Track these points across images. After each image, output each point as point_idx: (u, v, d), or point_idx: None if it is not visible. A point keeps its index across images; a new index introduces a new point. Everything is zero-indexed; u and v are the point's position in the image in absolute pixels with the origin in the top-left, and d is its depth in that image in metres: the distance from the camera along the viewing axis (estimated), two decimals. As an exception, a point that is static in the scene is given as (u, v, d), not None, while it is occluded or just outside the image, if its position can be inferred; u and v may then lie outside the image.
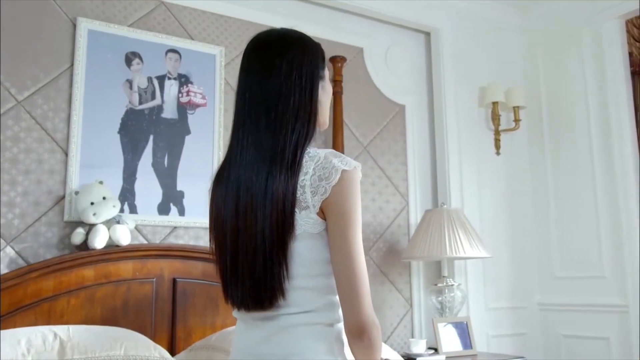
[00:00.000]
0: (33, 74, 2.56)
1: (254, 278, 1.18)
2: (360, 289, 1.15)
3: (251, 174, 1.21)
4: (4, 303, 2.30)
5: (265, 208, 1.18)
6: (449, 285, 3.15)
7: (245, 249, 1.19)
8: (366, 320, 1.15)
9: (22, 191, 2.46)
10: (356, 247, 1.17)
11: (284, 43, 1.30)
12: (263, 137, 1.23)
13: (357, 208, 1.20)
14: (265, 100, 1.25)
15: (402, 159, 3.53)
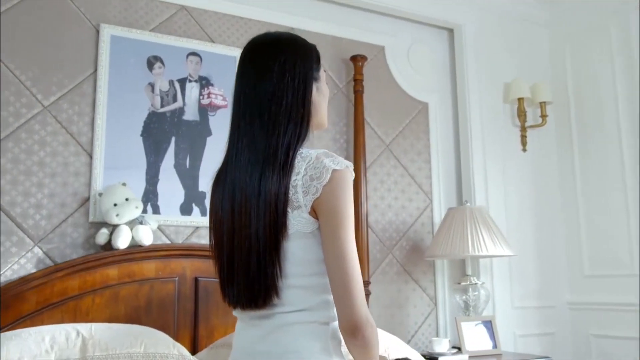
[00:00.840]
0: (58, 80, 2.64)
1: (249, 277, 1.20)
2: (353, 288, 1.16)
3: (245, 175, 1.24)
4: (32, 301, 2.38)
5: (258, 208, 1.20)
6: (473, 284, 3.12)
7: (240, 249, 1.22)
8: (359, 318, 1.16)
9: (48, 193, 2.54)
10: (348, 246, 1.18)
11: (276, 46, 1.32)
12: (257, 138, 1.25)
13: (348, 207, 1.20)
14: (259, 102, 1.27)
15: (426, 157, 3.51)
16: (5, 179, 2.47)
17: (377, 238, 3.26)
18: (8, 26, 2.57)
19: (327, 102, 1.40)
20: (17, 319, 2.34)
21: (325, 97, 1.39)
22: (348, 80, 3.33)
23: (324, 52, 3.22)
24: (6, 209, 2.46)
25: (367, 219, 3.12)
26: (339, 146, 3.25)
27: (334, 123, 3.26)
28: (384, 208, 3.32)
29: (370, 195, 3.26)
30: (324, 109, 1.38)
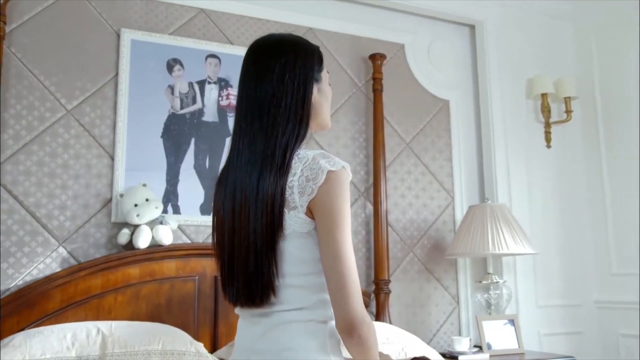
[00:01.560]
0: (81, 84, 2.71)
1: (247, 276, 1.23)
2: (348, 287, 1.17)
3: (245, 175, 1.26)
4: (56, 299, 2.45)
5: (256, 209, 1.22)
6: (494, 282, 3.09)
7: (240, 248, 1.24)
8: (355, 317, 1.17)
9: (72, 194, 2.61)
10: (344, 246, 1.19)
11: (277, 47, 1.33)
12: (256, 139, 1.27)
13: (343, 208, 1.21)
14: (259, 103, 1.28)
15: (447, 155, 3.48)
16: (30, 181, 2.55)
17: (397, 236, 3.26)
18: (32, 34, 2.65)
19: (329, 102, 1.41)
20: (42, 316, 2.41)
21: (328, 98, 1.40)
22: (367, 79, 3.33)
23: (342, 52, 3.26)
24: (32, 210, 2.54)
25: (386, 218, 3.12)
26: (358, 145, 3.25)
27: (352, 122, 3.27)
28: (405, 206, 3.31)
29: (390, 194, 3.26)
30: (326, 109, 1.39)
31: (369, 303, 3.04)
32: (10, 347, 2.04)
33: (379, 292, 3.04)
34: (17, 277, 2.48)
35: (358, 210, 3.19)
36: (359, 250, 3.14)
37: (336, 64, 3.28)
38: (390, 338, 2.53)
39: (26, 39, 2.65)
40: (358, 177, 3.22)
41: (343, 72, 3.30)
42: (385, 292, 3.04)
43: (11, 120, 2.56)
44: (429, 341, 3.22)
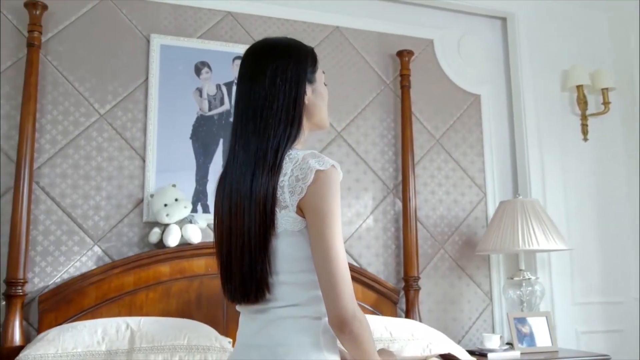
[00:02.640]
0: (113, 89, 2.81)
1: (242, 274, 1.26)
2: (338, 284, 1.19)
3: (240, 176, 1.29)
4: (92, 296, 2.56)
5: (250, 208, 1.25)
6: (526, 279, 3.04)
7: (236, 247, 1.28)
8: (346, 313, 1.19)
9: (106, 195, 2.72)
10: (333, 244, 1.21)
11: (270, 51, 1.37)
12: (250, 141, 1.30)
13: (333, 206, 1.23)
14: (253, 106, 1.32)
15: (478, 150, 3.44)
16: (66, 183, 2.67)
17: (428, 233, 3.24)
18: (67, 43, 2.78)
19: (325, 102, 1.43)
20: (78, 312, 2.53)
21: (324, 98, 1.42)
22: (395, 76, 3.33)
23: (369, 49, 3.27)
24: (68, 210, 2.66)
25: (416, 214, 3.11)
26: (386, 142, 3.26)
27: (381, 119, 3.27)
28: (435, 203, 3.29)
29: (420, 190, 3.25)
30: (322, 109, 1.41)
31: (397, 300, 3.05)
32: (45, 341, 2.15)
33: (408, 288, 3.04)
34: (55, 275, 2.60)
35: (387, 207, 3.20)
36: (388, 247, 3.15)
37: (363, 61, 3.29)
38: (415, 334, 2.53)
39: (61, 47, 2.77)
40: (387, 174, 3.23)
41: (371, 70, 3.30)
42: (415, 289, 3.04)
43: (48, 126, 2.69)
44: (462, 338, 3.20)
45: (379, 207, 3.18)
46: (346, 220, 3.10)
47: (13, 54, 2.69)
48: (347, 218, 3.10)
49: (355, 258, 3.08)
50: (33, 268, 2.58)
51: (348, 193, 3.13)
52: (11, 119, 2.63)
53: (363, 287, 2.97)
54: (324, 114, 1.42)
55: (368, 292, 2.98)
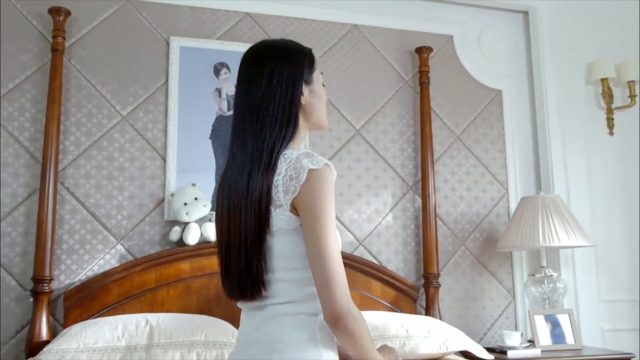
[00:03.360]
0: (134, 91, 2.88)
1: (240, 271, 1.30)
2: (332, 281, 1.21)
3: (238, 177, 1.32)
4: (115, 293, 2.64)
5: (247, 207, 1.28)
6: (548, 275, 3.00)
7: (234, 245, 1.31)
8: (340, 310, 1.20)
9: (128, 195, 2.79)
10: (326, 242, 1.23)
11: (267, 52, 1.39)
12: (247, 142, 1.33)
13: (325, 204, 1.25)
14: (250, 107, 1.35)
15: (500, 146, 3.41)
16: (90, 183, 2.75)
17: (448, 230, 3.23)
18: (90, 47, 2.86)
19: (323, 103, 1.44)
20: (102, 308, 2.61)
21: (322, 99, 1.43)
22: (414, 73, 3.32)
23: (388, 47, 3.27)
24: (92, 210, 2.74)
25: (435, 211, 3.10)
26: (405, 139, 3.25)
27: (400, 116, 3.27)
28: (456, 200, 3.28)
29: (440, 187, 3.24)
30: (320, 110, 1.43)
31: (417, 297, 3.05)
32: (68, 336, 2.23)
33: (428, 285, 3.04)
34: (80, 273, 2.68)
35: (407, 204, 3.20)
36: (407, 244, 3.15)
37: (382, 59, 3.29)
38: (432, 332, 2.53)
39: (84, 51, 2.85)
40: (406, 171, 3.22)
41: (389, 67, 3.30)
42: (435, 286, 3.04)
43: (72, 128, 2.77)
44: (484, 335, 3.18)
45: (399, 204, 3.18)
46: (365, 218, 3.11)
47: (38, 59, 2.78)
48: (367, 215, 3.12)
49: (375, 255, 3.09)
50: (59, 266, 2.66)
51: (367, 190, 3.14)
52: (37, 122, 2.72)
53: (382, 284, 2.98)
54: (322, 114, 1.44)
55: (387, 289, 2.99)
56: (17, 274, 2.61)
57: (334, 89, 3.18)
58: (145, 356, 2.19)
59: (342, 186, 3.11)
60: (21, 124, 2.72)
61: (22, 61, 2.76)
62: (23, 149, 2.70)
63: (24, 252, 2.63)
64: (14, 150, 2.69)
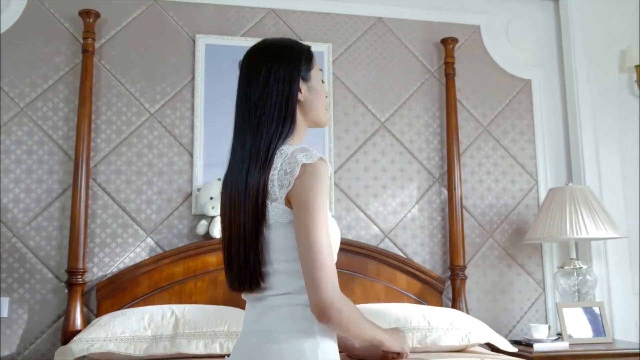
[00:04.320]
0: (161, 89, 2.97)
1: (239, 263, 1.34)
2: (318, 274, 1.23)
3: (238, 173, 1.37)
4: (144, 285, 2.73)
5: (245, 202, 1.33)
6: (577, 268, 2.95)
7: (234, 239, 1.35)
8: (324, 303, 1.23)
9: (157, 190, 2.88)
10: (315, 234, 1.25)
11: (265, 51, 1.43)
12: (246, 139, 1.37)
13: (317, 198, 1.27)
14: (249, 105, 1.39)
15: (529, 137, 3.36)
16: (120, 179, 2.85)
17: (475, 222, 3.21)
18: (119, 47, 2.95)
19: (322, 100, 1.46)
20: (132, 299, 2.70)
21: (320, 96, 1.45)
22: (440, 65, 3.30)
23: (413, 38, 3.26)
24: (123, 205, 2.84)
25: (461, 203, 3.09)
26: (431, 131, 3.24)
27: (426, 108, 3.26)
28: (483, 191, 3.25)
29: (467, 179, 3.22)
30: (318, 107, 1.45)
31: (443, 289, 3.04)
32: (97, 326, 2.32)
33: (454, 278, 3.03)
34: (112, 265, 2.79)
35: (433, 196, 3.19)
36: (434, 236, 3.14)
37: (407, 51, 3.29)
38: (454, 324, 2.52)
39: (114, 51, 2.95)
40: (432, 163, 3.21)
41: (415, 59, 3.29)
42: (461, 278, 3.02)
43: (103, 126, 2.88)
44: (512, 328, 3.16)
45: (425, 197, 3.17)
46: (391, 210, 3.12)
47: (70, 60, 2.89)
48: (392, 208, 3.13)
49: (401, 247, 3.10)
50: (92, 259, 2.77)
51: (392, 183, 3.15)
52: (70, 120, 2.84)
53: (407, 277, 2.99)
54: (321, 111, 1.46)
55: (412, 281, 3.00)
56: (53, 266, 2.74)
57: (359, 82, 3.19)
58: (170, 346, 2.27)
59: (368, 179, 3.12)
60: (55, 123, 2.83)
61: (55, 62, 2.88)
62: (57, 146, 2.82)
63: (59, 246, 2.75)
64: (48, 148, 2.81)
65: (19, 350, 2.66)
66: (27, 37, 2.87)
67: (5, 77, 2.82)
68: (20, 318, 2.68)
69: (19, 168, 2.77)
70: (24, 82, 2.84)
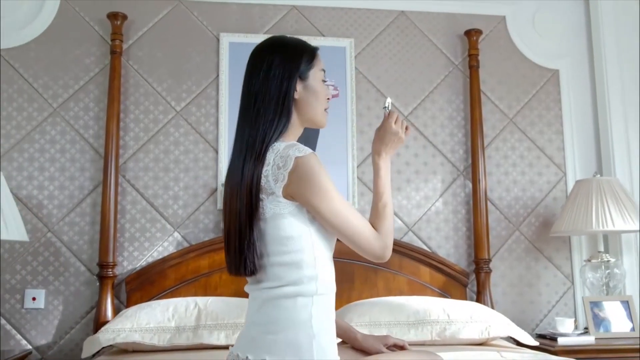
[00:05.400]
0: (187, 87, 3.05)
1: (235, 250, 1.41)
2: (358, 241, 1.40)
3: (237, 162, 1.43)
4: (171, 278, 2.83)
5: (240, 192, 1.39)
6: (605, 261, 2.90)
7: (232, 226, 1.42)
8: (379, 258, 1.43)
9: (183, 186, 2.97)
10: (335, 214, 1.36)
11: (270, 46, 1.48)
12: (245, 131, 1.43)
13: (319, 184, 1.34)
14: (249, 99, 1.44)
15: (557, 128, 3.31)
16: (148, 175, 2.95)
17: (501, 215, 3.18)
18: (146, 48, 3.04)
19: (320, 101, 1.50)
20: (160, 292, 2.80)
21: (318, 97, 1.48)
22: (464, 57, 3.28)
23: (436, 31, 3.26)
24: (151, 200, 2.93)
25: (486, 196, 3.07)
26: (455, 124, 3.23)
27: (449, 101, 3.24)
28: (509, 184, 3.22)
29: (492, 172, 3.20)
30: (314, 107, 1.48)
31: (467, 282, 3.03)
32: (124, 317, 2.42)
33: (479, 271, 3.02)
34: (141, 259, 2.89)
35: (457, 189, 3.18)
36: (458, 229, 3.14)
37: (430, 44, 3.28)
38: (474, 317, 2.52)
39: (141, 52, 3.04)
40: (456, 157, 3.20)
41: (438, 52, 3.28)
42: (486, 272, 3.01)
43: (131, 124, 2.98)
44: (539, 322, 3.12)
45: (449, 190, 3.17)
46: (415, 204, 3.13)
47: (100, 61, 3.00)
48: (416, 201, 3.13)
49: (425, 241, 3.10)
50: (122, 252, 2.88)
51: (416, 176, 3.15)
52: (100, 120, 2.95)
53: (431, 270, 3.00)
54: (317, 111, 1.49)
55: (436, 274, 3.00)
56: (86, 260, 2.86)
57: (381, 76, 3.20)
58: (192, 336, 2.35)
59: (391, 172, 3.12)
60: (86, 122, 2.95)
61: (86, 64, 2.99)
62: (88, 145, 2.93)
63: (91, 240, 2.87)
64: (80, 147, 2.93)
65: (55, 339, 2.79)
66: (59, 41, 2.99)
67: (40, 80, 2.95)
68: (56, 309, 2.81)
69: (53, 166, 2.89)
70: (57, 83, 2.96)
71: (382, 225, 1.42)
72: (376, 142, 1.52)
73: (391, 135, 1.50)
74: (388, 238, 1.42)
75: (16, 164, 2.87)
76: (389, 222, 1.44)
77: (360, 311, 2.53)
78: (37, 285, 2.81)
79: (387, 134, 1.50)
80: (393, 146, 1.51)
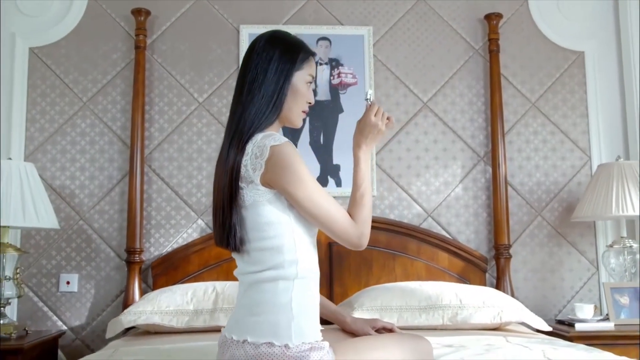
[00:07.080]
0: (209, 79, 3.14)
1: (218, 225, 1.49)
2: (335, 228, 1.44)
3: (226, 146, 1.49)
4: (195, 263, 2.95)
5: (224, 175, 1.46)
6: (627, 246, 2.85)
7: (217, 203, 1.49)
8: (355, 246, 1.47)
9: (206, 174, 3.08)
10: (312, 200, 1.41)
11: (268, 39, 1.52)
12: (233, 120, 1.49)
13: (296, 172, 1.39)
14: (242, 91, 1.50)
15: (582, 111, 3.25)
16: (173, 165, 3.07)
17: (523, 200, 3.16)
18: (169, 41, 3.15)
19: (299, 103, 1.53)
20: (184, 277, 2.92)
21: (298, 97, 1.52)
22: (484, 41, 3.25)
23: (456, 16, 3.28)
24: (175, 189, 3.06)
25: (506, 181, 3.06)
26: (476, 109, 3.21)
27: (469, 86, 3.23)
28: (531, 169, 3.19)
29: (514, 157, 3.17)
30: (292, 107, 1.52)
31: (486, 268, 3.04)
32: (146, 300, 2.55)
33: (498, 257, 3.02)
34: (167, 245, 3.02)
35: (477, 175, 3.17)
36: (479, 215, 3.13)
37: (450, 29, 3.26)
38: (487, 302, 2.53)
39: (164, 46, 3.15)
40: (477, 142, 3.19)
41: (458, 37, 3.26)
42: (506, 257, 3.01)
43: (156, 116, 3.10)
44: (562, 307, 3.10)
45: (469, 176, 3.17)
46: (434, 190, 3.14)
47: (126, 56, 3.13)
48: (435, 187, 3.15)
49: (444, 226, 3.12)
50: (149, 239, 3.02)
51: (435, 162, 3.16)
52: (126, 112, 3.08)
53: (449, 255, 3.01)
54: (295, 112, 1.53)
55: (454, 260, 3.02)
56: (115, 246, 3.01)
57: (400, 63, 3.22)
58: (209, 319, 2.46)
59: (410, 159, 3.16)
60: (114, 115, 3.09)
61: (112, 59, 3.13)
62: (116, 137, 3.07)
63: (119, 227, 3.02)
64: (108, 139, 3.07)
65: (88, 321, 2.96)
66: (87, 38, 3.13)
67: (70, 75, 3.10)
68: (88, 292, 2.97)
69: (84, 157, 3.05)
70: (86, 78, 3.11)
71: (359, 213, 1.46)
72: (356, 134, 1.55)
73: (370, 127, 1.53)
74: (364, 226, 1.46)
75: (50, 155, 3.04)
76: (366, 210, 1.48)
77: (373, 295, 2.58)
78: (71, 270, 2.98)
79: (367, 126, 1.53)
80: (373, 138, 1.54)
